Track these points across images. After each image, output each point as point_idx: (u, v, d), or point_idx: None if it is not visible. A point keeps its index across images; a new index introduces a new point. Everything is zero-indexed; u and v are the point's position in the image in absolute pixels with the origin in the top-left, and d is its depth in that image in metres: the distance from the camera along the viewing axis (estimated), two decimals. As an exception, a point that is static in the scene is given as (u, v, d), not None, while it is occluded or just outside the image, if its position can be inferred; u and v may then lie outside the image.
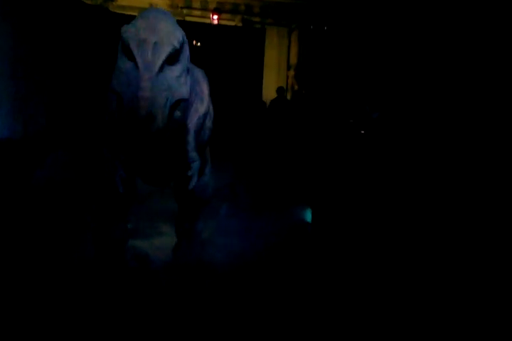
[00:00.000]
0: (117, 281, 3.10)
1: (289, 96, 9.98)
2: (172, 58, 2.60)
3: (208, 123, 3.38)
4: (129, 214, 3.39)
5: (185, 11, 10.58)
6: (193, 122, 3.05)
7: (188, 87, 2.79)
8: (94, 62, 7.30)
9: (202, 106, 3.19)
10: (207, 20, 10.31)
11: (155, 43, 2.50)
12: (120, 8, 9.95)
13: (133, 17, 8.11)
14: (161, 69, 2.52)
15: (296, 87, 10.51)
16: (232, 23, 10.42)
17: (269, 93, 10.03)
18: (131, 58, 2.52)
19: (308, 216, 5.16)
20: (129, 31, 2.57)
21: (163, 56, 2.52)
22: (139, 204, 3.68)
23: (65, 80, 6.63)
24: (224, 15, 10.37)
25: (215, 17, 10.08)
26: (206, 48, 8.37)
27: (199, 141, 3.17)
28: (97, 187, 3.32)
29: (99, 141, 3.36)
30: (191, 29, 9.30)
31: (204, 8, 10.62)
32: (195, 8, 10.64)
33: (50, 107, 6.25)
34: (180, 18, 10.08)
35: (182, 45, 2.65)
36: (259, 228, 4.54)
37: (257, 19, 10.48)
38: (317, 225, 4.92)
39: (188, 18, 10.20)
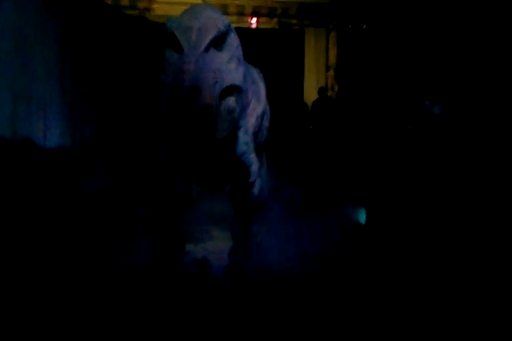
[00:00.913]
0: (176, 287, 3.03)
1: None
2: (218, 42, 2.51)
3: (266, 123, 3.29)
4: (184, 218, 3.31)
5: (221, 17, 10.57)
6: (251, 122, 2.96)
7: (241, 75, 2.67)
8: (137, 69, 7.37)
9: (259, 106, 3.09)
10: (244, 25, 10.26)
11: (199, 29, 2.44)
12: (157, 17, 10.02)
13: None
14: (207, 50, 2.44)
15: (336, 88, 10.33)
16: (269, 26, 10.34)
17: (309, 94, 9.90)
18: (177, 47, 2.45)
19: (362, 217, 4.99)
20: (173, 21, 2.53)
21: (207, 38, 2.44)
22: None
23: (111, 87, 6.70)
24: (260, 19, 10.30)
25: (254, 20, 10.02)
26: (246, 52, 8.28)
27: (257, 142, 3.08)
28: (152, 191, 3.26)
29: (153, 143, 3.32)
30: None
31: (240, 13, 10.58)
32: (231, 14, 10.62)
33: (98, 115, 6.32)
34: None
35: (227, 30, 2.56)
36: (313, 230, 4.42)
37: (294, 21, 10.37)
38: (372, 226, 4.75)
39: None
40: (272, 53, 8.93)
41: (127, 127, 6.79)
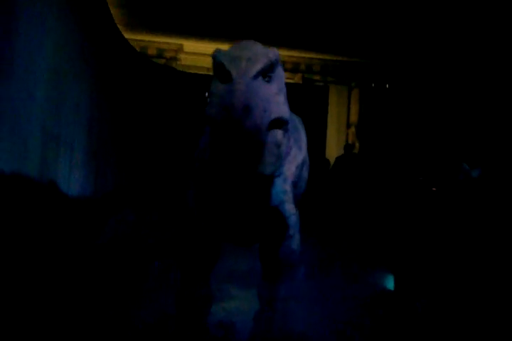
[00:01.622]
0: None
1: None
2: (267, 73, 2.41)
3: (305, 174, 3.13)
4: (210, 276, 3.10)
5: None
6: (291, 170, 2.80)
7: (288, 109, 2.55)
8: (164, 119, 7.39)
9: (300, 154, 2.94)
10: (267, 79, 10.42)
11: (249, 58, 2.34)
12: (184, 67, 10.23)
13: (199, 75, 8.33)
14: (256, 78, 2.32)
15: (357, 145, 10.31)
16: (292, 81, 10.47)
17: (330, 150, 9.85)
18: (224, 77, 2.34)
19: (391, 283, 4.73)
20: (221, 52, 2.46)
21: (257, 65, 2.33)
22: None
23: (136, 137, 6.67)
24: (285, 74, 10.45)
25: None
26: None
27: (295, 193, 2.90)
28: (178, 245, 3.08)
29: (183, 193, 3.18)
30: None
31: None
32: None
33: (121, 166, 6.25)
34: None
35: (277, 61, 2.47)
36: (338, 295, 4.16)
37: (317, 77, 10.53)
38: (401, 293, 4.47)
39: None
40: (295, 108, 8.98)
41: (150, 175, 6.70)
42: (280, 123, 2.46)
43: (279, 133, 2.44)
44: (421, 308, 3.66)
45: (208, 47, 10.81)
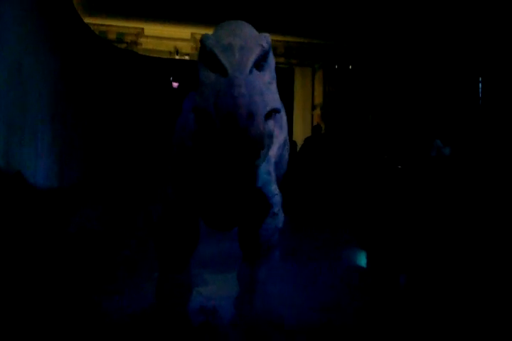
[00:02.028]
0: (181, 338, 2.79)
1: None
2: (260, 62, 2.28)
3: (286, 154, 3.04)
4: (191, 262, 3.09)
5: (209, 53, 10.63)
6: (273, 151, 2.68)
7: (279, 98, 2.42)
8: (129, 106, 7.23)
9: (282, 134, 2.83)
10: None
11: (241, 47, 2.20)
12: (145, 51, 10.00)
13: (161, 59, 8.17)
14: (250, 72, 2.19)
15: (322, 126, 10.38)
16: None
17: (297, 133, 9.89)
18: (216, 67, 2.21)
19: (363, 259, 4.83)
20: (210, 38, 2.27)
21: (252, 57, 2.20)
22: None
23: (101, 125, 6.52)
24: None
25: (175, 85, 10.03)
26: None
27: (277, 173, 2.83)
28: (158, 231, 3.04)
29: (161, 180, 3.13)
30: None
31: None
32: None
33: (87, 148, 6.12)
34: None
35: (269, 49, 2.33)
36: (313, 275, 4.22)
37: (281, 59, 10.48)
38: (374, 270, 4.57)
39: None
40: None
41: (117, 163, 6.58)
42: (272, 112, 2.33)
43: (271, 124, 2.32)
44: (403, 283, 3.75)
45: (170, 30, 10.64)
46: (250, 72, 2.18)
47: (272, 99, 2.30)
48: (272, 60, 2.43)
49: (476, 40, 6.98)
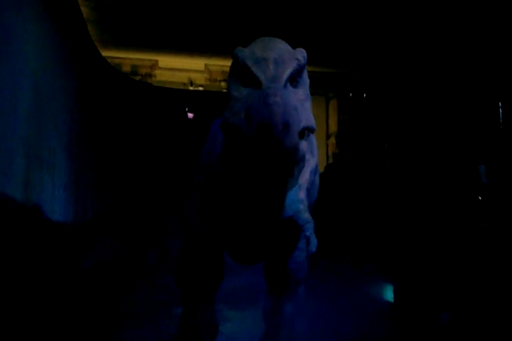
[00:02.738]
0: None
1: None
2: (295, 77, 2.15)
3: (317, 180, 2.87)
4: (215, 297, 2.93)
5: (223, 84, 10.68)
6: (305, 177, 2.52)
7: (313, 117, 2.25)
8: (145, 138, 7.20)
9: (313, 159, 2.65)
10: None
11: (276, 60, 2.07)
12: (159, 83, 10.08)
13: (175, 90, 8.17)
14: (285, 86, 2.05)
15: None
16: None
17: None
18: (249, 81, 2.08)
19: (390, 294, 4.62)
20: (243, 51, 2.15)
21: (287, 70, 2.07)
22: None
23: (116, 156, 6.48)
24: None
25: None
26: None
27: (309, 201, 2.67)
28: (181, 265, 2.90)
29: (187, 211, 3.02)
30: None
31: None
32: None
33: (102, 188, 6.05)
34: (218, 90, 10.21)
35: (305, 64, 2.19)
36: (338, 311, 4.03)
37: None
38: (400, 305, 4.37)
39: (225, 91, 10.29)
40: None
41: (132, 197, 6.50)
42: (304, 132, 2.17)
43: (304, 145, 2.15)
44: (447, 320, 3.53)
45: (183, 62, 10.75)
46: (285, 86, 2.05)
47: (306, 117, 2.14)
48: (306, 78, 2.30)
49: (494, 66, 6.90)
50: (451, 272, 3.98)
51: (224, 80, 10.80)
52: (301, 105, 2.12)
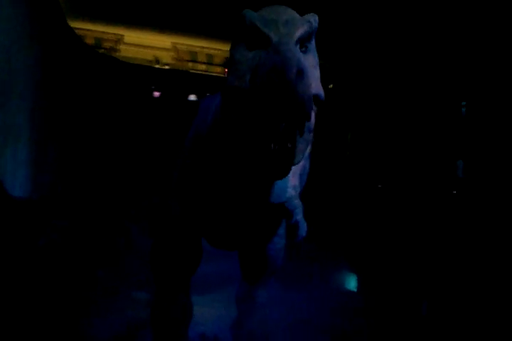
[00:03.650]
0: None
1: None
2: (304, 42, 2.03)
3: (307, 165, 2.77)
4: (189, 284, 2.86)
5: (190, 65, 10.45)
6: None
7: (321, 86, 2.11)
8: (109, 113, 6.94)
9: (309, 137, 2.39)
10: (212, 74, 10.19)
11: (286, 21, 1.95)
12: (124, 59, 9.73)
13: (142, 66, 7.91)
14: (296, 46, 1.93)
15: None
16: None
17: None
18: (256, 43, 1.96)
19: (353, 284, 4.68)
20: (252, 12, 2.01)
21: (299, 30, 1.94)
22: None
23: (79, 131, 6.23)
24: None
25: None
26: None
27: (300, 187, 2.59)
28: (157, 249, 2.80)
29: (164, 194, 2.91)
30: (203, 81, 9.06)
31: (209, 63, 10.52)
32: (200, 62, 10.53)
33: (63, 167, 5.80)
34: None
35: (316, 29, 2.07)
36: (308, 297, 4.04)
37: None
38: (364, 294, 4.42)
39: (192, 72, 10.09)
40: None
41: (99, 174, 6.28)
42: (316, 102, 2.02)
43: (312, 115, 2.00)
44: (426, 310, 3.59)
45: (150, 38, 10.42)
46: (296, 44, 1.93)
47: (317, 85, 2.04)
48: (314, 45, 2.18)
49: (459, 65, 7.03)
50: (422, 262, 4.07)
51: (191, 60, 10.57)
52: (311, 71, 1.98)
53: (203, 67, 10.47)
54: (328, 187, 6.88)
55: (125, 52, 10.25)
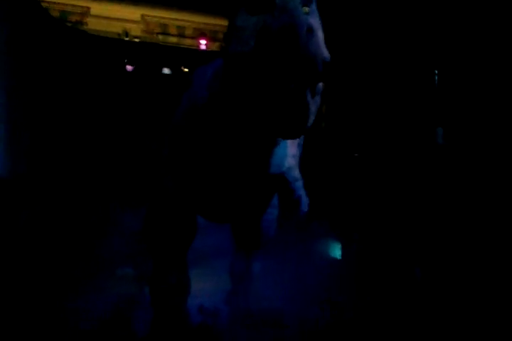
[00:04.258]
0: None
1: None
2: (308, 2, 1.99)
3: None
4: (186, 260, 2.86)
5: (160, 37, 10.18)
6: None
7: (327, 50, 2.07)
8: (77, 88, 6.74)
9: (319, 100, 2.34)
10: (183, 47, 9.96)
11: None
12: (91, 32, 9.41)
13: (113, 39, 7.66)
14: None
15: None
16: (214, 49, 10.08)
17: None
18: (258, 8, 1.91)
19: (338, 252, 4.76)
20: None
21: None
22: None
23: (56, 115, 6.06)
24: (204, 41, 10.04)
25: (203, 42, 9.74)
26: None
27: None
28: (152, 226, 2.78)
29: (154, 169, 2.87)
30: (175, 53, 8.86)
31: (181, 35, 10.27)
32: (171, 35, 10.28)
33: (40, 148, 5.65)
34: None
35: None
36: (300, 268, 4.10)
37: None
38: (355, 262, 4.51)
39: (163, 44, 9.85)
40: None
41: (75, 154, 6.14)
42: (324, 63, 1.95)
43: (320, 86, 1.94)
44: (420, 274, 3.67)
45: (118, 10, 10.08)
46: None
47: (324, 49, 1.97)
48: (316, 8, 2.13)
49: (430, 35, 7.03)
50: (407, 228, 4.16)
51: (162, 33, 10.30)
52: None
53: (174, 39, 10.23)
54: (306, 160, 6.92)
55: (92, 25, 9.88)
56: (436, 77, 7.04)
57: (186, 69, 8.19)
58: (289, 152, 2.41)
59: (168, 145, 2.67)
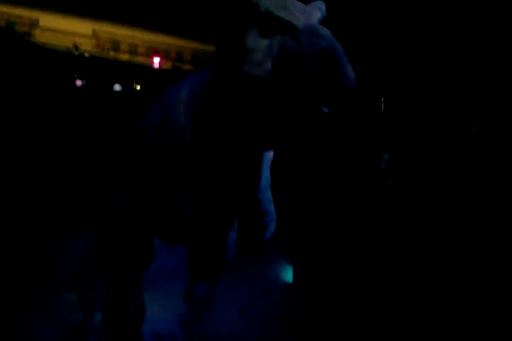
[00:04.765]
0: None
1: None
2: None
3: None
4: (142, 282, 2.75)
5: (112, 53, 10.01)
6: (270, 154, 2.43)
7: None
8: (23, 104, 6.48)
9: None
10: (135, 63, 9.83)
11: (303, 8, 1.97)
12: (41, 44, 9.13)
13: (63, 52, 7.45)
14: None
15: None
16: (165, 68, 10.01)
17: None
18: (271, 30, 1.91)
19: (289, 275, 4.75)
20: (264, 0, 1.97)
21: (316, 16, 1.99)
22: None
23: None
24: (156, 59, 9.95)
25: (157, 60, 9.64)
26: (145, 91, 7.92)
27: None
28: (108, 248, 2.67)
29: (110, 189, 2.76)
30: (127, 70, 8.73)
31: (133, 52, 10.14)
32: (123, 51, 10.12)
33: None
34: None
35: (325, 16, 2.10)
36: (249, 291, 4.04)
37: (188, 67, 10.19)
38: (300, 285, 4.51)
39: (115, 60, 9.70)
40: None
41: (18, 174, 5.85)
42: None
43: None
44: (379, 298, 3.69)
45: (68, 24, 9.84)
46: None
47: None
48: None
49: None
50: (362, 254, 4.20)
51: (113, 49, 10.12)
52: None
53: (126, 56, 10.08)
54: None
55: (40, 37, 9.57)
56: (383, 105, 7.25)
57: (138, 87, 8.07)
58: (263, 173, 2.40)
59: (129, 161, 2.59)
